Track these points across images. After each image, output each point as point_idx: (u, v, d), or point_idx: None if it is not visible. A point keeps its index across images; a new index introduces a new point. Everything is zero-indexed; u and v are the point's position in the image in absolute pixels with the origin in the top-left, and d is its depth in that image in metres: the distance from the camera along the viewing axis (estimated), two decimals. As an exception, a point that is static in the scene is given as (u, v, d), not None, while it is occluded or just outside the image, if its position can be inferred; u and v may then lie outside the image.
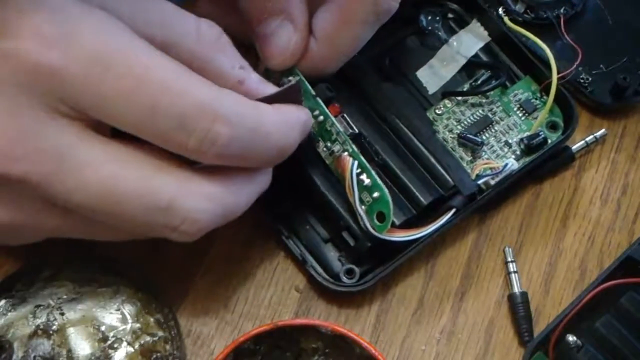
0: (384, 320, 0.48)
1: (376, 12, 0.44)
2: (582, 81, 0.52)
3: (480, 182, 0.48)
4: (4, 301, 0.43)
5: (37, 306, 0.43)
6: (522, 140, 0.50)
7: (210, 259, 0.48)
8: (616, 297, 0.46)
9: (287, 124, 0.40)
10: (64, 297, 0.43)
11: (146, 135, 0.36)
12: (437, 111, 0.51)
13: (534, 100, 0.51)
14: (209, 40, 0.40)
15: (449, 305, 0.49)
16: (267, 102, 0.40)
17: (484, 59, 0.53)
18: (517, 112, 0.51)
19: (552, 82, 0.50)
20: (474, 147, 0.50)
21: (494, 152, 0.50)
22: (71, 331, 0.42)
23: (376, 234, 0.44)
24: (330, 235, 0.48)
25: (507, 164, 0.49)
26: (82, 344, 0.42)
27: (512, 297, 0.48)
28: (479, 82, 0.52)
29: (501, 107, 0.51)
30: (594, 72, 0.53)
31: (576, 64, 0.51)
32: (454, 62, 0.53)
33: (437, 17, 0.54)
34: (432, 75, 0.52)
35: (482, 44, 0.53)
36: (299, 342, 0.45)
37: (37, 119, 0.35)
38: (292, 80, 0.44)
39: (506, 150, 0.50)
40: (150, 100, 0.35)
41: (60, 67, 0.34)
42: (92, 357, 0.42)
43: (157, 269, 0.47)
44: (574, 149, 0.51)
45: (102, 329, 0.42)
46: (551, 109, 0.51)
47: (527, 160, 0.50)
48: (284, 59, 0.44)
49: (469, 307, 0.49)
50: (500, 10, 0.53)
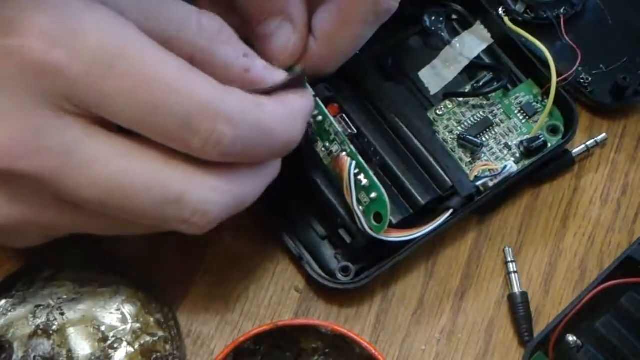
0: (384, 320, 0.48)
1: (376, 12, 0.43)
2: (582, 81, 0.52)
3: (478, 183, 0.48)
4: (4, 301, 0.43)
5: (37, 306, 0.43)
6: (521, 143, 0.50)
7: (210, 259, 0.48)
8: (616, 297, 0.46)
9: (291, 116, 0.40)
10: (64, 297, 0.43)
11: (149, 133, 0.36)
12: (437, 112, 0.51)
13: (535, 103, 0.51)
14: (211, 32, 0.40)
15: (449, 305, 0.49)
16: (272, 92, 0.40)
17: (487, 60, 0.53)
18: (518, 114, 0.51)
19: (551, 85, 0.50)
20: (474, 149, 0.50)
21: (494, 154, 0.50)
22: (71, 331, 0.42)
23: (373, 234, 0.44)
24: (327, 232, 0.48)
25: (505, 166, 0.49)
26: (82, 344, 0.42)
27: (512, 297, 0.48)
28: (481, 83, 0.52)
29: (502, 110, 0.51)
30: (594, 73, 0.53)
31: (576, 66, 0.51)
32: (457, 63, 0.52)
33: (441, 18, 0.54)
34: (434, 75, 0.52)
35: (484, 46, 0.53)
36: (299, 342, 0.45)
37: (43, 116, 0.35)
38: (296, 69, 0.44)
39: (505, 152, 0.50)
40: (153, 99, 0.35)
41: (63, 65, 0.34)
42: (92, 357, 0.42)
43: (157, 268, 0.47)
44: (574, 152, 0.51)
45: (102, 329, 0.42)
46: (552, 112, 0.51)
47: (526, 163, 0.50)
48: (283, 59, 0.44)
49: (469, 307, 0.49)
50: (500, 10, 0.53)
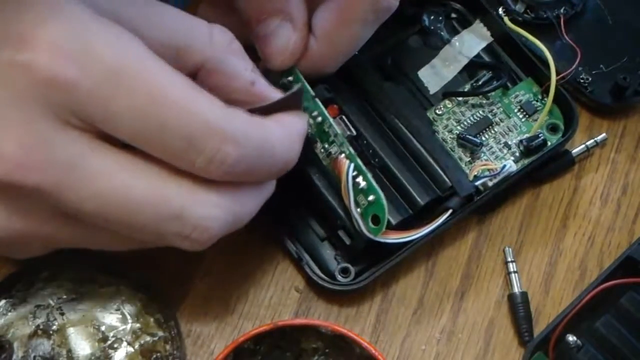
0: (384, 320, 0.48)
1: (376, 11, 0.43)
2: (582, 81, 0.52)
3: (477, 183, 0.48)
4: (4, 301, 0.43)
5: (37, 306, 0.43)
6: (521, 142, 0.50)
7: (210, 259, 0.48)
8: (616, 297, 0.46)
9: (290, 138, 0.41)
10: (64, 297, 0.43)
11: (154, 151, 0.36)
12: (437, 111, 0.51)
13: (534, 102, 0.51)
14: (222, 44, 0.41)
15: (449, 305, 0.49)
16: (271, 109, 0.41)
17: (486, 59, 0.53)
18: (518, 113, 0.51)
19: (551, 83, 0.50)
20: (473, 148, 0.50)
21: (493, 153, 0.50)
22: (71, 331, 0.42)
23: (371, 236, 0.44)
24: (326, 233, 0.48)
25: (505, 166, 0.48)
26: (82, 344, 0.42)
27: (512, 297, 0.48)
28: (480, 82, 0.52)
29: (502, 109, 0.51)
30: (594, 72, 0.53)
31: (576, 64, 0.51)
32: (456, 62, 0.52)
33: (440, 17, 0.54)
34: (434, 75, 0.52)
35: (484, 45, 0.53)
36: (299, 342, 0.45)
37: (49, 130, 0.35)
38: (293, 84, 0.44)
39: (505, 151, 0.50)
40: (159, 117, 0.35)
41: (72, 81, 0.34)
42: (92, 357, 0.42)
43: (158, 269, 0.47)
44: (574, 153, 0.51)
45: (102, 329, 0.43)
46: (551, 111, 0.51)
47: (526, 162, 0.50)
48: (283, 59, 0.44)
49: (469, 307, 0.49)
50: (500, 10, 0.53)
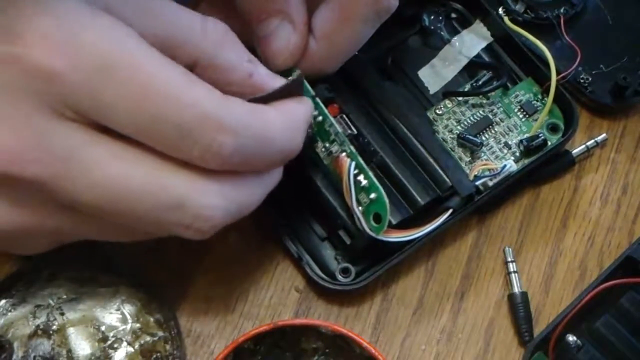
0: (384, 320, 0.48)
1: (376, 10, 0.43)
2: (582, 81, 0.52)
3: (478, 183, 0.48)
4: (4, 301, 0.43)
5: (37, 306, 0.43)
6: (521, 141, 0.50)
7: (210, 259, 0.48)
8: (616, 297, 0.46)
9: (292, 125, 0.40)
10: (64, 297, 0.43)
11: (149, 141, 0.36)
12: (437, 111, 0.51)
13: (535, 101, 0.51)
14: (216, 37, 0.40)
15: (449, 305, 0.49)
16: (272, 98, 0.40)
17: (486, 59, 0.53)
18: (518, 113, 0.51)
19: (551, 82, 0.50)
20: (473, 148, 0.50)
21: (493, 153, 0.50)
22: (71, 331, 0.42)
23: (373, 234, 0.44)
24: (327, 233, 0.48)
25: (505, 166, 0.49)
26: (82, 344, 0.42)
27: (512, 297, 0.48)
28: (480, 82, 0.52)
29: (502, 108, 0.51)
30: (594, 72, 0.53)
31: (576, 64, 0.51)
32: (456, 62, 0.52)
33: (440, 17, 0.54)
34: (434, 75, 0.52)
35: (484, 45, 0.53)
36: (299, 342, 0.45)
37: (44, 122, 0.35)
38: (295, 74, 0.44)
39: (505, 151, 0.50)
40: (153, 108, 0.35)
41: (64, 73, 0.34)
42: (92, 357, 0.42)
43: (157, 268, 0.47)
44: (574, 153, 0.51)
45: (102, 329, 0.42)
46: (552, 110, 0.51)
47: (526, 162, 0.50)
48: (283, 59, 0.44)
49: (469, 307, 0.49)
50: (500, 10, 0.53)
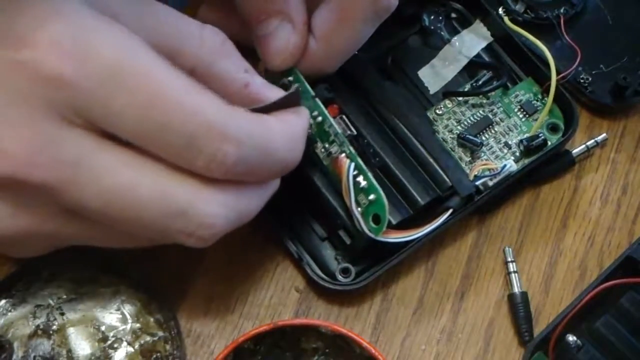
0: (384, 320, 0.48)
1: (375, 10, 0.43)
2: (582, 81, 0.52)
3: (478, 183, 0.48)
4: (4, 301, 0.43)
5: (37, 306, 0.43)
6: (521, 141, 0.50)
7: (210, 259, 0.48)
8: (616, 297, 0.46)
9: (293, 138, 0.40)
10: (64, 297, 0.43)
11: (156, 150, 0.36)
12: (437, 111, 0.51)
13: (535, 101, 0.51)
14: (214, 45, 0.40)
15: (449, 305, 0.49)
16: (271, 108, 0.40)
17: (486, 59, 0.53)
18: (518, 113, 0.51)
19: (551, 82, 0.50)
20: (473, 148, 0.50)
21: (493, 153, 0.50)
22: (71, 331, 0.42)
23: (372, 235, 0.44)
24: (327, 233, 0.48)
25: (505, 165, 0.48)
26: (82, 344, 0.42)
27: (512, 297, 0.48)
28: (480, 82, 0.52)
29: (502, 108, 0.51)
30: (594, 72, 0.53)
31: (576, 64, 0.51)
32: (456, 62, 0.52)
33: (440, 17, 0.54)
34: (434, 75, 0.52)
35: (484, 44, 0.53)
36: (299, 342, 0.45)
37: (53, 128, 0.35)
38: (293, 84, 0.44)
39: (505, 151, 0.50)
40: (161, 117, 0.35)
41: (73, 79, 0.34)
42: (92, 357, 0.42)
43: (157, 268, 0.47)
44: (574, 153, 0.51)
45: (102, 329, 0.43)
46: (552, 110, 0.51)
47: (526, 161, 0.50)
48: (283, 59, 0.44)
49: (469, 307, 0.49)
50: (500, 10, 0.53)
